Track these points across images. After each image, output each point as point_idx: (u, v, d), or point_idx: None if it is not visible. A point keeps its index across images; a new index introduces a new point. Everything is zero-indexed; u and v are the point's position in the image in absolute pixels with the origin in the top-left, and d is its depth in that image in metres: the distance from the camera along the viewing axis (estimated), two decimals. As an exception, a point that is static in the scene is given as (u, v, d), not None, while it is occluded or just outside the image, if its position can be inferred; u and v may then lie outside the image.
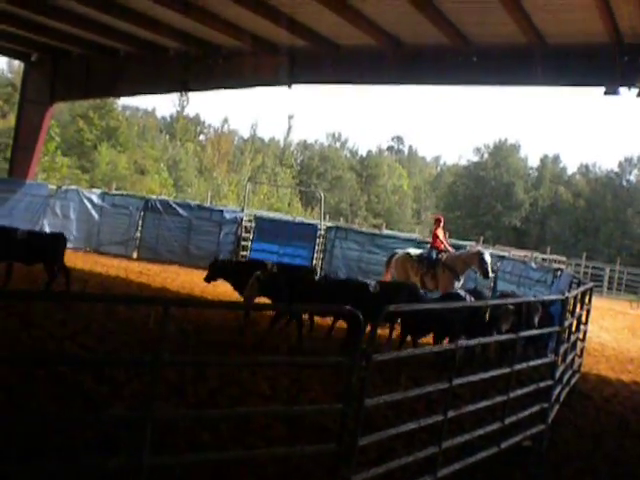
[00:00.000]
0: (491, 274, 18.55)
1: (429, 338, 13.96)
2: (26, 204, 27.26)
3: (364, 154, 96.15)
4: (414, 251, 19.89)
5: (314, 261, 26.68)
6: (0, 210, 26.85)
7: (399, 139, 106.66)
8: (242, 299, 14.58)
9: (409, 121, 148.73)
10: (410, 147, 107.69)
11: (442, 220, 20.50)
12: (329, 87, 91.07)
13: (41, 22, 23.44)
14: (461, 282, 18.73)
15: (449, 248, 19.66)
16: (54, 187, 28.82)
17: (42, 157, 41.91)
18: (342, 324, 14.58)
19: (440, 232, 19.83)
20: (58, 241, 16.32)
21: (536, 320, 12.62)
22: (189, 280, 21.59)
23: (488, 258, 18.27)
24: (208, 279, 16.49)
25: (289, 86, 24.03)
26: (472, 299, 13.52)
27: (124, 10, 20.79)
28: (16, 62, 49.00)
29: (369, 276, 23.65)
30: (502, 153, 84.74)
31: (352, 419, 5.34)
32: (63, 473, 5.89)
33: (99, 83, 28.45)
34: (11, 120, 48.59)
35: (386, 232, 33.68)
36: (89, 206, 27.83)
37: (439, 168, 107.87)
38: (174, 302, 4.93)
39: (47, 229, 27.01)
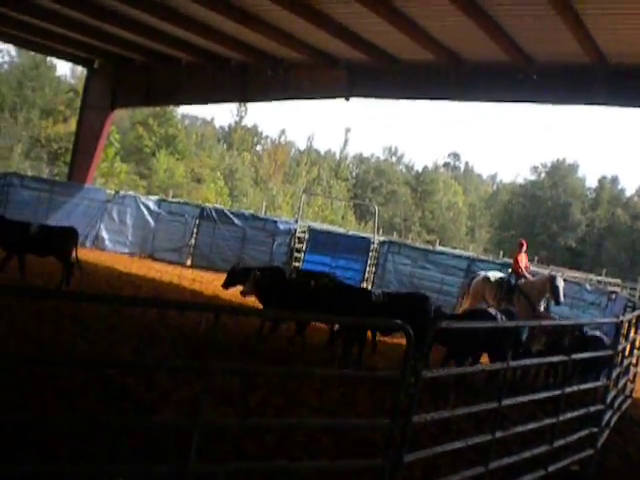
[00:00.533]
0: (562, 299, 17.61)
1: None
2: (84, 208, 27.67)
3: (420, 169, 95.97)
4: (493, 275, 19.20)
5: (366, 274, 26.63)
6: (58, 214, 27.32)
7: (455, 155, 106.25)
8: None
9: (466, 137, 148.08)
10: (466, 164, 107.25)
11: (525, 245, 19.59)
12: (386, 101, 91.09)
13: (105, 29, 23.80)
14: (541, 308, 18.06)
15: (527, 275, 18.76)
16: (112, 192, 29.21)
17: (101, 162, 42.53)
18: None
19: (522, 257, 19.05)
20: (68, 235, 17.01)
21: (566, 343, 12.24)
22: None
23: (560, 283, 17.37)
24: (226, 285, 16.27)
25: (347, 99, 24.10)
26: (503, 317, 13.11)
27: (186, 19, 21.03)
28: (79, 68, 49.81)
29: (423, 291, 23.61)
30: (560, 173, 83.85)
31: (399, 435, 5.29)
32: (110, 476, 5.99)
33: (160, 91, 28.81)
34: (72, 125, 49.44)
35: (439, 248, 33.44)
36: (145, 212, 28.16)
37: (495, 186, 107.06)
38: (225, 310, 4.94)
39: (104, 233, 27.42)
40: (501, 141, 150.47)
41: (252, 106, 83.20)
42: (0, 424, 6.74)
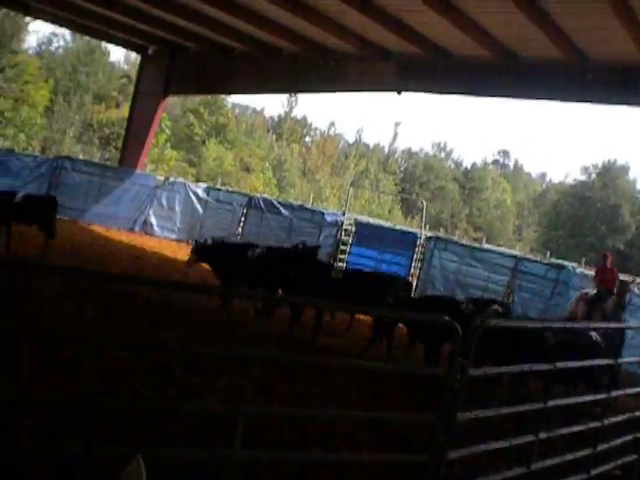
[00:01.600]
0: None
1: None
2: (134, 193, 27.96)
3: (468, 166, 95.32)
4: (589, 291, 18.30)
5: (412, 270, 26.52)
6: (109, 198, 27.68)
7: (505, 153, 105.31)
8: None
9: (516, 135, 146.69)
10: (516, 162, 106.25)
11: (610, 257, 18.66)
12: (438, 96, 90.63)
13: (161, 16, 23.96)
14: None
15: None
16: (162, 178, 29.46)
17: (152, 149, 42.91)
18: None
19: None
20: (49, 204, 17.40)
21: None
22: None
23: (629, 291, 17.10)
24: (189, 263, 16.16)
25: (399, 93, 23.97)
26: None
27: (241, 9, 21.07)
28: (133, 54, 50.25)
29: (467, 290, 23.49)
30: (610, 174, 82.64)
31: (443, 432, 5.27)
32: (154, 458, 6.06)
33: (212, 79, 28.97)
34: (124, 110, 49.96)
35: (486, 246, 33.17)
36: (194, 199, 28.37)
37: (544, 185, 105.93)
38: (273, 298, 4.97)
39: (153, 219, 27.69)
40: (551, 140, 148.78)
41: (302, 97, 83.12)
42: (49, 403, 6.87)
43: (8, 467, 5.48)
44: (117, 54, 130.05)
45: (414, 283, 24.33)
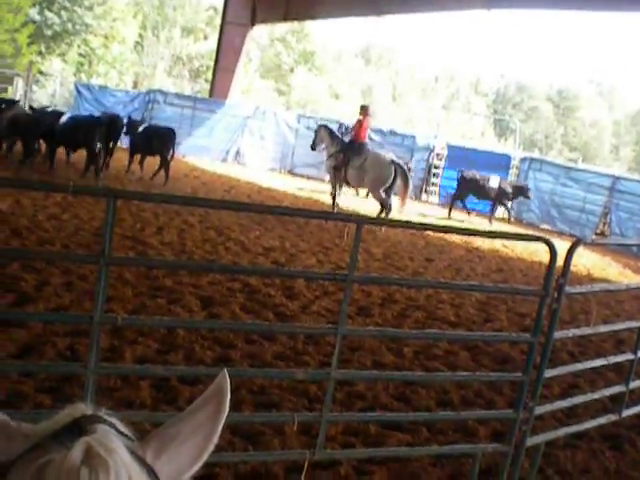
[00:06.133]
0: None
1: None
2: (225, 124, 28.22)
3: (563, 85, 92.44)
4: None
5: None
6: (201, 129, 28.00)
7: (600, 71, 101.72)
8: None
9: (609, 55, 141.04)
10: (612, 80, 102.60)
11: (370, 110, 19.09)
12: (527, 13, 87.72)
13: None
14: None
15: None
16: (252, 108, 29.56)
17: (241, 79, 43.04)
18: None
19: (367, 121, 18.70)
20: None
21: None
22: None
23: None
24: None
25: (488, 9, 23.35)
26: None
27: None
28: (219, -15, 50.04)
29: (563, 211, 23.09)
30: None
31: (539, 350, 5.27)
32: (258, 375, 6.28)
33: (298, 6, 28.75)
34: (212, 42, 50.07)
35: (582, 166, 32.38)
36: (285, 128, 28.47)
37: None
38: (368, 220, 5.00)
39: (245, 149, 27.94)
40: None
41: (389, 20, 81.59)
42: (150, 326, 7.14)
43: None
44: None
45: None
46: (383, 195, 17.42)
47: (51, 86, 38.61)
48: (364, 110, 18.69)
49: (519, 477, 5.47)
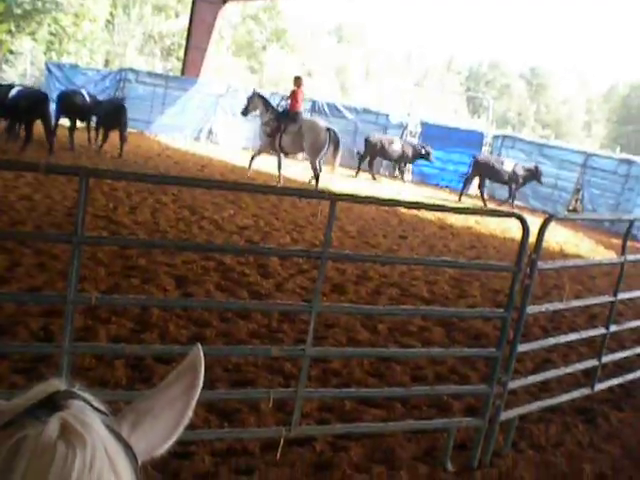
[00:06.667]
0: None
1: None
2: (197, 102, 28.05)
3: (535, 63, 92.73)
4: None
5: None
6: (173, 109, 27.81)
7: (572, 48, 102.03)
8: None
9: (585, 31, 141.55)
10: (584, 57, 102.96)
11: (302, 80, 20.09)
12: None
13: None
14: None
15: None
16: (224, 86, 29.37)
17: (213, 57, 42.73)
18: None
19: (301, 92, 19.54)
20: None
21: None
22: (352, 181, 21.82)
23: None
24: None
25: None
26: None
27: None
28: (190, -39, 49.54)
29: (535, 188, 23.23)
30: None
31: (512, 326, 5.32)
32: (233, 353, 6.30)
33: (270, -17, 28.58)
34: (184, 20, 49.63)
35: (555, 143, 32.55)
36: (258, 106, 28.34)
37: (613, 80, 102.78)
38: (340, 197, 5.01)
39: (218, 127, 27.80)
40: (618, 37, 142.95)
41: (362, 2, 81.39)
42: (123, 305, 7.12)
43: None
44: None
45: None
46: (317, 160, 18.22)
47: (21, 65, 38.18)
48: (298, 81, 19.59)
49: (493, 451, 5.53)
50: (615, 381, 7.15)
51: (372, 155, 25.07)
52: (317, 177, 18.14)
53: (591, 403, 6.97)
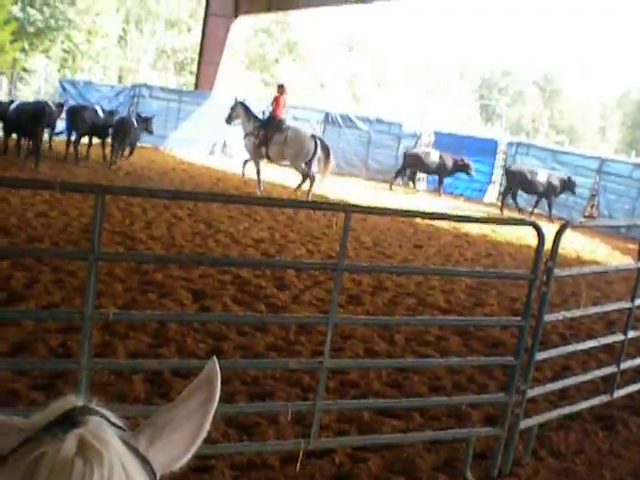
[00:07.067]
0: None
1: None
2: (211, 116, 28.13)
3: (548, 68, 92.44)
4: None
5: (494, 177, 26.24)
6: (187, 123, 27.93)
7: (585, 53, 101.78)
8: None
9: (598, 36, 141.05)
10: (597, 62, 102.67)
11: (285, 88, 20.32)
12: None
13: None
14: None
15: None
16: (238, 99, 29.38)
17: (226, 71, 42.92)
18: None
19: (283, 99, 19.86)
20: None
21: None
22: (367, 193, 21.82)
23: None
24: None
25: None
26: None
27: None
28: (202, -24, 49.83)
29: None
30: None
31: (530, 333, 5.31)
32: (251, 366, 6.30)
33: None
34: (196, 35, 49.89)
35: (569, 149, 32.46)
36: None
37: (627, 84, 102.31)
38: (355, 209, 5.01)
39: (232, 140, 27.86)
40: (632, 40, 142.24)
41: (372, 9, 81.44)
42: (140, 321, 7.14)
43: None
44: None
45: (497, 190, 24.14)
46: (304, 167, 18.53)
47: (35, 83, 38.46)
48: (281, 88, 20.00)
49: (513, 460, 5.51)
50: (634, 387, 7.11)
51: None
52: (311, 180, 18.44)
53: (610, 410, 6.93)
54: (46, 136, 20.20)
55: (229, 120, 20.30)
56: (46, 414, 1.10)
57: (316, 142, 18.61)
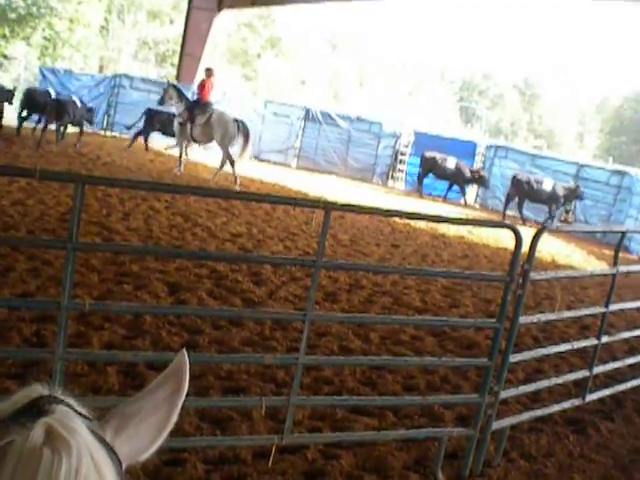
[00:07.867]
0: None
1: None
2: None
3: (528, 73, 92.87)
4: None
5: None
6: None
7: (565, 59, 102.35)
8: None
9: (578, 42, 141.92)
10: (577, 68, 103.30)
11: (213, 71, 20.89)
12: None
13: None
14: None
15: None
16: (219, 94, 29.30)
17: (207, 64, 42.76)
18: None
19: (211, 82, 20.33)
20: None
21: None
22: (346, 189, 21.83)
23: None
24: None
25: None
26: None
27: None
28: (186, -31, 49.60)
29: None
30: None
31: (504, 336, 5.35)
32: (225, 361, 6.29)
33: (266, -9, 28.63)
34: (179, 27, 49.69)
35: (547, 153, 32.65)
36: (251, 114, 28.35)
37: (606, 91, 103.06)
38: (336, 206, 5.02)
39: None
40: (611, 47, 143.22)
41: (357, 6, 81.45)
42: (116, 312, 7.11)
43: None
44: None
45: (475, 192, 24.24)
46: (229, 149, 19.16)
47: (15, 70, 38.13)
48: (208, 72, 20.54)
49: (484, 461, 5.55)
50: (606, 392, 7.17)
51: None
52: (232, 163, 18.92)
53: (582, 414, 7.00)
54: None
55: (161, 102, 20.67)
56: (12, 402, 1.09)
57: (238, 126, 19.21)
